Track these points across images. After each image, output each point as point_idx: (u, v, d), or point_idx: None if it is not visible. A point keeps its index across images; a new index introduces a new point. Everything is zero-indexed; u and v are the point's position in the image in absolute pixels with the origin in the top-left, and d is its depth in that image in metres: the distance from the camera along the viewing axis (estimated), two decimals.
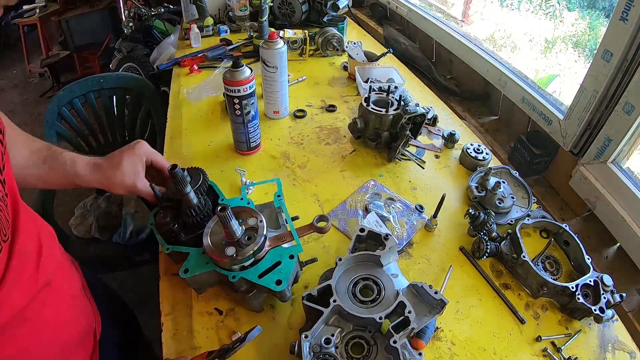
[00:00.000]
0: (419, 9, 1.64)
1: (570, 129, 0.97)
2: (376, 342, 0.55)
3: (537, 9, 1.30)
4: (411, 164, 1.00)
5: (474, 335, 0.65)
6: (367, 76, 1.20)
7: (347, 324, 0.57)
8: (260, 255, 0.61)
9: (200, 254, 0.63)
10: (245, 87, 0.87)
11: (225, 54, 1.46)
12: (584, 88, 0.91)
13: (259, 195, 0.89)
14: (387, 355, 0.54)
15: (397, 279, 0.61)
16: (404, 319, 0.54)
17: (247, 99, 0.89)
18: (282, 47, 1.01)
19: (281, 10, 1.62)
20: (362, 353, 0.54)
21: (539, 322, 0.68)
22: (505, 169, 0.91)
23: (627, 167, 0.89)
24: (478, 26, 1.54)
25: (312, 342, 0.53)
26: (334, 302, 0.55)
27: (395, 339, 0.52)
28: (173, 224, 0.66)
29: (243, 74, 0.86)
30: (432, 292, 0.57)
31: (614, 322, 0.68)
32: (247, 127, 0.94)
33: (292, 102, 1.17)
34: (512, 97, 1.17)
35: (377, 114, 0.95)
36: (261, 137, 1.02)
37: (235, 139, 0.99)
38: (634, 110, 0.81)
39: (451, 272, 0.74)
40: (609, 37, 0.83)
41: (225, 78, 0.87)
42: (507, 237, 0.77)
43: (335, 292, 0.56)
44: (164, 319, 0.66)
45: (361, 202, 0.88)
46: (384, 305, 0.57)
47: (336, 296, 0.56)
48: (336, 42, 1.45)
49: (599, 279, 0.68)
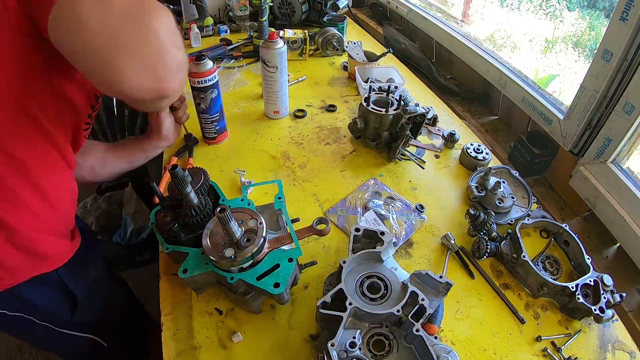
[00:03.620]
0: (419, 8, 1.64)
1: (570, 129, 0.97)
2: (394, 335, 0.56)
3: (537, 9, 1.30)
4: (411, 164, 1.00)
5: (474, 335, 0.66)
6: (367, 76, 1.20)
7: (362, 324, 0.57)
8: (259, 257, 0.61)
9: (200, 254, 0.63)
10: (194, 81, 0.92)
11: (225, 53, 1.46)
12: (584, 88, 0.91)
13: (259, 195, 0.89)
14: (407, 346, 0.55)
15: (397, 271, 0.62)
16: (419, 307, 0.55)
17: (197, 92, 0.94)
18: (282, 47, 1.01)
19: (281, 10, 1.62)
20: (385, 349, 0.55)
21: (539, 322, 0.68)
22: (505, 169, 0.91)
23: (627, 167, 0.89)
24: (478, 26, 1.53)
25: (337, 349, 0.53)
26: (349, 304, 0.55)
27: (417, 327, 0.53)
28: (173, 223, 0.66)
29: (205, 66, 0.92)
30: (437, 277, 0.59)
31: (614, 322, 0.68)
32: (200, 118, 1.00)
33: (292, 102, 1.17)
34: (512, 97, 1.17)
35: (377, 114, 0.95)
36: (227, 131, 1.06)
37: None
38: (634, 110, 0.81)
39: (449, 256, 0.75)
40: (609, 37, 0.83)
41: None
42: (507, 237, 0.77)
43: (349, 295, 0.57)
44: (164, 319, 0.66)
45: (361, 200, 0.88)
46: (393, 298, 0.58)
47: (351, 298, 0.56)
48: (336, 42, 1.45)
49: (599, 279, 0.68)
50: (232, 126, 1.09)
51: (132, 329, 1.03)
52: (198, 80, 0.91)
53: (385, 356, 0.55)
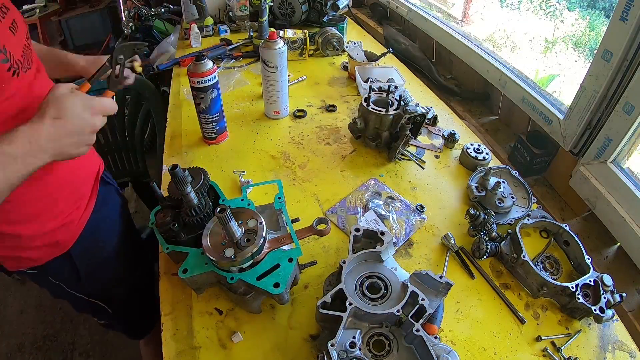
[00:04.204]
0: (419, 9, 1.64)
1: (570, 129, 0.97)
2: (394, 335, 0.56)
3: (537, 9, 1.30)
4: (411, 164, 1.00)
5: (474, 335, 0.65)
6: (367, 76, 1.20)
7: (363, 323, 0.57)
8: (259, 257, 0.61)
9: (200, 254, 0.63)
10: (194, 81, 0.92)
11: (225, 54, 1.46)
12: (584, 88, 0.91)
13: (259, 195, 0.89)
14: (407, 346, 0.55)
15: (397, 271, 0.62)
16: (419, 307, 0.55)
17: (197, 92, 0.94)
18: (282, 47, 1.01)
19: (281, 10, 1.62)
20: (384, 349, 0.55)
21: (539, 322, 0.68)
22: (505, 169, 0.91)
23: (627, 167, 0.89)
24: (478, 26, 1.53)
25: (337, 349, 0.53)
26: (349, 304, 0.55)
27: (417, 328, 0.53)
28: (173, 223, 0.66)
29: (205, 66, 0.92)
30: (437, 277, 0.59)
31: (614, 322, 0.68)
32: (200, 118, 1.00)
33: (292, 102, 1.17)
34: (512, 97, 1.17)
35: (377, 114, 0.95)
36: (227, 131, 1.06)
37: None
38: (634, 110, 0.81)
39: (449, 256, 0.75)
40: (609, 37, 0.83)
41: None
42: (507, 237, 0.77)
43: (349, 295, 0.57)
44: (164, 319, 0.66)
45: (361, 200, 0.88)
46: (393, 298, 0.58)
47: (351, 299, 0.56)
48: (336, 42, 1.45)
49: (599, 279, 0.68)
50: (232, 126, 1.09)
51: (140, 304, 1.08)
52: (198, 80, 0.91)
53: (386, 356, 0.55)
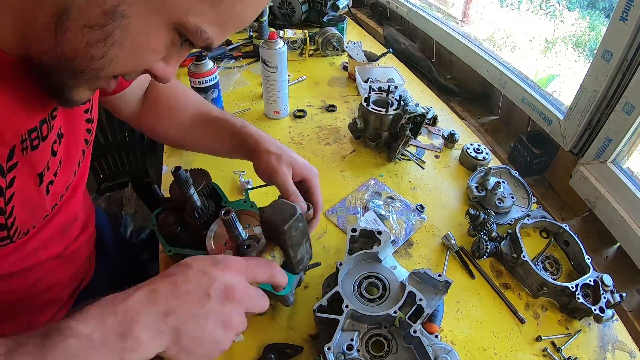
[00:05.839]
0: (419, 9, 1.64)
1: (570, 129, 0.97)
2: (394, 335, 0.56)
3: (537, 9, 1.30)
4: (411, 164, 1.00)
5: (474, 335, 0.66)
6: (367, 76, 1.20)
7: (361, 325, 0.57)
8: None
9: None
10: (194, 81, 0.93)
11: (225, 54, 1.45)
12: (584, 88, 0.91)
13: (260, 195, 0.89)
14: (406, 346, 0.55)
15: (396, 270, 0.62)
16: (417, 308, 0.55)
17: (198, 92, 0.93)
18: (282, 47, 1.01)
19: (281, 10, 1.62)
20: (384, 349, 0.55)
21: (539, 322, 0.68)
22: (505, 169, 0.91)
23: (627, 167, 0.89)
24: (478, 26, 1.54)
25: (334, 352, 0.53)
26: (346, 307, 0.55)
27: (415, 329, 0.53)
28: (176, 225, 0.66)
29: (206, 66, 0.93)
30: (436, 275, 0.59)
31: (614, 322, 0.68)
32: None
33: (292, 102, 1.17)
34: (512, 97, 1.17)
35: (377, 114, 0.95)
36: None
37: None
38: (634, 110, 0.81)
39: (449, 256, 0.76)
40: (609, 37, 0.83)
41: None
42: (507, 237, 0.77)
43: (345, 297, 0.57)
44: None
45: (361, 200, 0.88)
46: (392, 298, 0.58)
47: (347, 301, 0.56)
48: (336, 42, 1.45)
49: (599, 278, 0.68)
50: None
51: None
52: (198, 81, 0.91)
53: (385, 357, 0.55)
